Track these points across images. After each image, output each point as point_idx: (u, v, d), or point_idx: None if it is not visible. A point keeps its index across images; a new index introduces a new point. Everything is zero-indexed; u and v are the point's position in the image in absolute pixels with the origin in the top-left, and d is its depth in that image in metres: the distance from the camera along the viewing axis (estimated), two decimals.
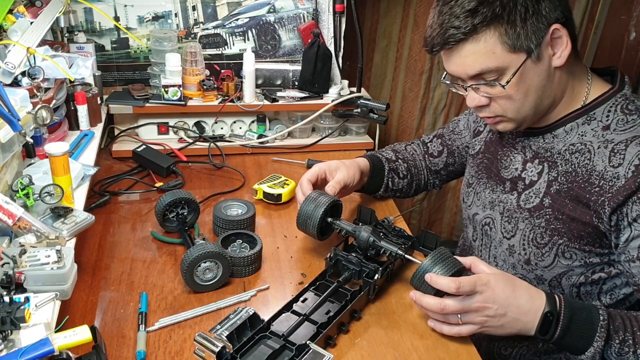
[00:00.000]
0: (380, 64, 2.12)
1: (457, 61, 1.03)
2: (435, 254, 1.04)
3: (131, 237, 1.31)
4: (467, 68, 1.02)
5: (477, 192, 1.28)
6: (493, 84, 1.03)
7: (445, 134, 1.44)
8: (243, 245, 1.24)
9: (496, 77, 1.02)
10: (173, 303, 1.11)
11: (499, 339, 1.24)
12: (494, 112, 1.08)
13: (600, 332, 0.96)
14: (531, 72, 1.01)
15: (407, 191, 1.47)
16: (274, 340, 0.98)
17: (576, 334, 0.97)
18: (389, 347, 1.04)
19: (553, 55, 1.02)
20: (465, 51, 1.00)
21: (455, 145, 1.42)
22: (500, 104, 1.06)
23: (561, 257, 1.10)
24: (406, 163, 1.44)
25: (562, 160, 1.09)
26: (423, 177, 1.48)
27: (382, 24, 2.05)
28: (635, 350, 0.95)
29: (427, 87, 2.16)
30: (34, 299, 0.87)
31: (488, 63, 1.00)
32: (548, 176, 1.11)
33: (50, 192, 1.10)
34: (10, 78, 1.23)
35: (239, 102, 1.71)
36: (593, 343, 0.96)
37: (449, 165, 1.45)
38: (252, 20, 1.77)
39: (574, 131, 1.08)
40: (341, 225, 1.22)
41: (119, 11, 1.71)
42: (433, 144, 1.46)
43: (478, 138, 1.32)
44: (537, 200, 1.12)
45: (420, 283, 1.05)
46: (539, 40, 0.99)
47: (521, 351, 1.22)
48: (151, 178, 1.56)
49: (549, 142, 1.12)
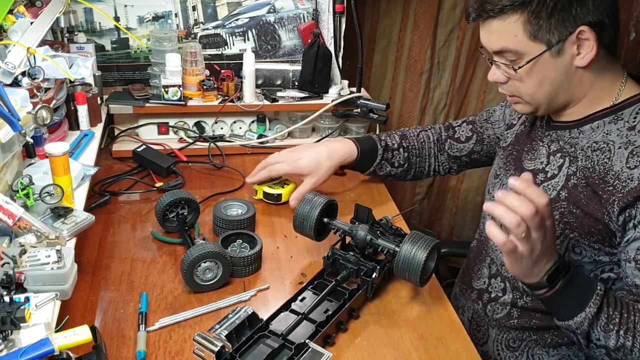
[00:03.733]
0: (380, 64, 2.12)
1: (484, 34, 1.10)
2: (411, 236, 1.10)
3: (131, 237, 1.31)
4: (491, 43, 1.09)
5: (503, 184, 1.30)
6: (509, 65, 1.09)
7: (477, 122, 1.45)
8: (243, 245, 1.24)
9: (515, 59, 1.07)
10: (173, 303, 1.11)
11: (508, 330, 1.25)
12: (511, 91, 1.14)
13: (595, 299, 0.96)
14: (548, 64, 1.06)
15: (401, 177, 1.52)
16: (273, 339, 0.98)
17: (573, 294, 0.98)
18: (388, 346, 1.04)
19: (577, 55, 1.05)
20: (492, 27, 1.07)
21: (487, 134, 1.43)
22: (515, 85, 1.12)
23: (571, 252, 1.11)
24: (407, 152, 1.47)
25: (583, 155, 1.11)
26: (427, 164, 1.50)
27: (382, 24, 2.05)
28: (618, 329, 0.96)
29: (427, 87, 2.16)
30: (34, 299, 0.88)
31: (508, 44, 1.06)
32: (568, 170, 1.13)
33: (51, 192, 1.10)
34: (11, 78, 1.23)
35: (239, 102, 1.71)
36: (586, 308, 0.96)
37: (474, 152, 1.46)
38: (252, 21, 1.77)
39: (600, 129, 1.10)
40: (338, 225, 1.23)
41: (119, 11, 1.71)
42: (462, 129, 1.47)
43: (510, 131, 1.34)
44: (555, 192, 1.13)
45: (404, 269, 1.08)
46: (561, 37, 1.03)
47: (530, 344, 1.23)
48: (151, 178, 1.56)
49: (574, 136, 1.14)
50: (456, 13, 2.03)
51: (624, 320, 0.96)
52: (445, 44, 2.08)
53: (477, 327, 1.32)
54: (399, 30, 2.05)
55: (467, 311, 1.35)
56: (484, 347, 1.30)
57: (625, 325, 0.96)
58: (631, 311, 0.97)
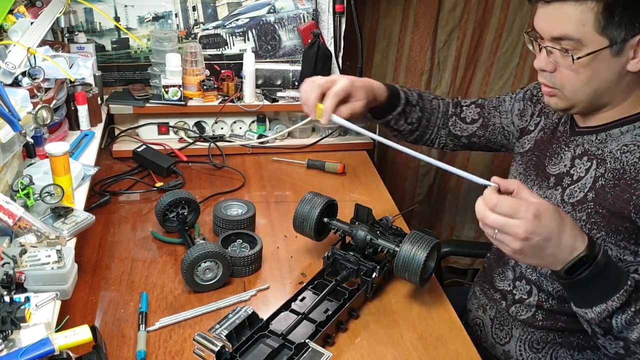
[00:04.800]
0: (380, 65, 2.12)
1: (549, 17, 1.05)
2: (411, 236, 1.09)
3: (131, 237, 1.32)
4: (554, 27, 1.04)
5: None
6: (566, 54, 1.04)
7: (486, 107, 1.43)
8: (243, 245, 1.24)
9: (573, 48, 1.03)
10: (173, 303, 1.11)
11: (532, 332, 1.24)
12: (553, 82, 1.10)
13: (621, 294, 0.95)
14: (604, 62, 1.03)
15: (405, 135, 1.46)
16: (273, 339, 0.98)
17: (598, 286, 0.96)
18: (388, 346, 1.04)
19: (632, 58, 1.03)
20: (561, 11, 1.02)
21: (493, 121, 1.41)
22: (564, 76, 1.08)
23: None
24: (421, 112, 1.42)
25: (611, 158, 1.10)
26: (430, 133, 1.46)
27: (382, 25, 2.05)
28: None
29: (427, 88, 2.15)
30: (34, 299, 0.88)
31: (574, 31, 1.02)
32: (595, 172, 1.12)
33: (51, 192, 1.10)
34: (11, 78, 1.23)
35: (239, 102, 1.71)
36: (608, 301, 0.95)
37: (475, 136, 1.43)
38: (252, 21, 1.77)
39: (630, 133, 1.09)
40: (338, 225, 1.23)
41: (119, 11, 1.71)
42: (470, 109, 1.44)
43: (528, 137, 1.32)
44: (582, 194, 1.12)
45: (404, 269, 1.08)
46: (627, 36, 1.00)
47: (554, 347, 1.21)
48: (151, 178, 1.56)
49: (601, 140, 1.13)
50: (456, 13, 2.03)
51: None
52: (446, 44, 2.09)
53: (500, 327, 1.29)
54: (399, 30, 2.06)
55: (489, 310, 1.31)
56: (505, 346, 1.27)
57: None
58: None
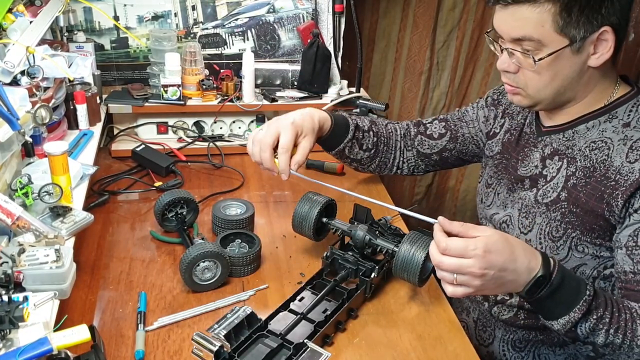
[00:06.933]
0: (380, 64, 2.12)
1: (507, 19, 1.05)
2: (410, 236, 1.09)
3: (130, 236, 1.31)
4: (513, 30, 1.05)
5: (497, 193, 1.29)
6: (527, 55, 1.05)
7: (450, 120, 1.43)
8: (242, 244, 1.24)
9: (534, 49, 1.04)
10: (172, 302, 1.11)
11: (514, 331, 1.26)
12: (517, 82, 1.11)
13: (581, 305, 0.96)
14: (566, 60, 1.04)
15: (365, 164, 1.43)
16: (272, 339, 0.98)
17: (558, 300, 0.98)
18: (387, 346, 1.04)
19: (593, 54, 1.04)
20: (518, 13, 1.03)
21: (461, 132, 1.41)
22: (527, 76, 1.09)
23: (574, 250, 1.12)
24: (377, 137, 1.41)
25: (581, 156, 1.11)
26: (392, 158, 1.45)
27: (381, 25, 2.05)
28: (608, 328, 0.97)
29: (426, 88, 2.16)
30: (32, 298, 0.87)
31: (533, 32, 1.02)
32: (566, 171, 1.13)
33: (50, 191, 1.10)
34: (10, 77, 1.23)
35: (238, 102, 1.71)
36: (570, 313, 0.97)
37: (446, 150, 1.42)
38: (252, 20, 1.77)
39: (596, 128, 1.10)
40: (336, 225, 1.23)
41: (118, 11, 1.71)
42: (434, 125, 1.43)
43: (495, 140, 1.33)
44: (555, 194, 1.13)
45: (403, 269, 1.08)
46: (585, 34, 1.01)
47: (536, 344, 1.24)
48: (150, 177, 1.56)
49: (569, 138, 1.14)
50: (455, 14, 2.03)
51: (615, 319, 0.97)
52: (445, 44, 2.09)
53: (483, 328, 1.31)
54: (398, 30, 2.06)
55: (472, 312, 1.34)
56: (489, 347, 1.30)
57: (616, 324, 0.97)
58: (622, 309, 0.98)
